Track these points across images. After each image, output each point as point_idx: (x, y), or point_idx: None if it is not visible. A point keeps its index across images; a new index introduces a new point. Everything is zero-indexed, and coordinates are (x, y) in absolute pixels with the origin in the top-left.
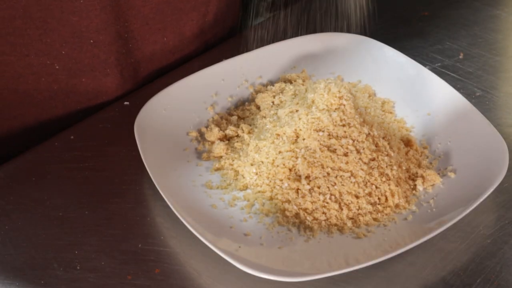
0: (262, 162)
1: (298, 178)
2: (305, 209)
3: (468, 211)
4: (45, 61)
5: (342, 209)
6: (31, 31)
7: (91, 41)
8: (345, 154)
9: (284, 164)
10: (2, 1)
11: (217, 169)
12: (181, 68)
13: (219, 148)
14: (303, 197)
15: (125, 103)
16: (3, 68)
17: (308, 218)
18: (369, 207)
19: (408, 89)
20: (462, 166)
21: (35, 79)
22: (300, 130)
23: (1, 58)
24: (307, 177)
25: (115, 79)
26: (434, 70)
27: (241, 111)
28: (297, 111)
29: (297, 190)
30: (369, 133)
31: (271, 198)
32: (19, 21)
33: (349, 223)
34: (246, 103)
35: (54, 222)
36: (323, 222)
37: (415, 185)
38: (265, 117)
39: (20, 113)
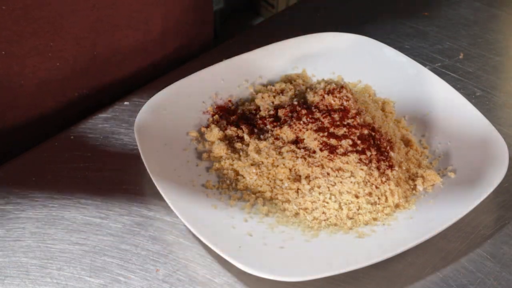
0: (262, 162)
1: (298, 178)
2: (305, 209)
3: (468, 211)
4: None
5: (342, 209)
6: None
7: (3, 52)
8: (345, 154)
9: (284, 164)
10: None
11: (217, 169)
12: (181, 68)
13: (219, 148)
14: (303, 197)
15: (125, 103)
16: None
17: (308, 218)
18: (369, 207)
19: (408, 89)
20: (462, 166)
21: None
22: (300, 130)
23: None
24: (307, 177)
25: (30, 91)
26: (434, 70)
27: (241, 111)
28: (297, 111)
29: (297, 190)
30: (369, 133)
31: (271, 198)
32: None
33: (349, 223)
34: (246, 103)
35: (54, 222)
36: (323, 222)
37: (415, 185)
38: (265, 117)
39: None
